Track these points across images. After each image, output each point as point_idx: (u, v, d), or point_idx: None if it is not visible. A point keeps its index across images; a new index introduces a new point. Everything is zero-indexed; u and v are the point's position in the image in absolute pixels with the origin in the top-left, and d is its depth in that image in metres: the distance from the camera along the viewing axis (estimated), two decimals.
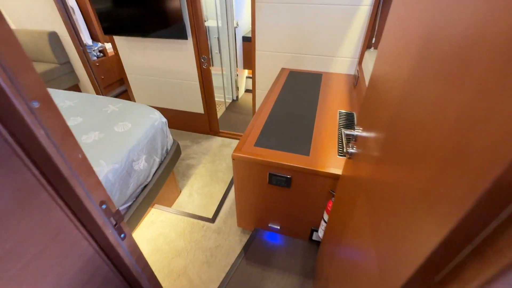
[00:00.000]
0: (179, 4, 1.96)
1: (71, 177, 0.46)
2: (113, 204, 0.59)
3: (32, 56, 2.73)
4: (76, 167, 0.47)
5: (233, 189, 2.00)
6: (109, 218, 0.56)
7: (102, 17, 2.16)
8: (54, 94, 1.82)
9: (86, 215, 0.52)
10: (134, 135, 1.40)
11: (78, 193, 0.48)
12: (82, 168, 0.49)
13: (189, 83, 2.45)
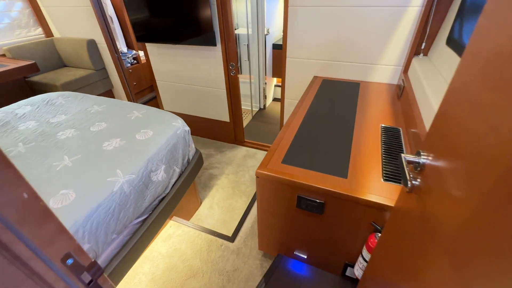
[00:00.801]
0: (210, 13, 1.91)
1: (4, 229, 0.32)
2: (86, 255, 0.44)
3: (72, 62, 2.88)
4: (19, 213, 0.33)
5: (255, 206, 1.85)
6: (79, 275, 0.42)
7: (137, 26, 2.19)
8: (85, 99, 1.85)
9: (37, 278, 0.36)
10: (154, 144, 1.32)
11: (18, 252, 0.33)
12: (30, 213, 0.35)
13: (216, 90, 2.39)
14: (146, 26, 2.18)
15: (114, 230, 1.07)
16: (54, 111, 1.69)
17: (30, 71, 2.39)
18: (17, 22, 2.69)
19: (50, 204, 0.97)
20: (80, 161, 1.20)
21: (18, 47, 2.59)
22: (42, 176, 1.11)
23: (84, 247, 0.95)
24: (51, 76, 2.66)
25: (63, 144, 1.33)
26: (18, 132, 1.46)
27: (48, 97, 1.86)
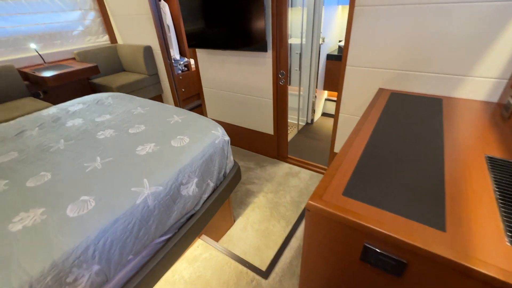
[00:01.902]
0: (264, 22, 1.78)
1: None
2: None
3: (129, 67, 3.04)
4: None
5: (297, 236, 1.57)
6: None
7: (190, 33, 2.18)
8: (131, 100, 1.83)
9: None
10: (189, 153, 1.17)
11: None
12: None
13: (262, 100, 2.22)
14: (198, 34, 2.15)
15: (131, 251, 0.91)
16: (101, 111, 1.69)
17: (92, 72, 2.55)
18: (88, 30, 2.95)
19: (67, 211, 0.86)
20: (110, 164, 1.10)
21: (86, 52, 2.81)
22: (70, 177, 1.03)
23: (93, 268, 0.80)
24: (110, 78, 2.82)
25: (99, 144, 1.26)
26: (64, 129, 1.47)
27: (99, 97, 1.89)
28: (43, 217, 0.84)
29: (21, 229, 0.80)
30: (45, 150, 1.25)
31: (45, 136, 1.39)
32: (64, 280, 0.74)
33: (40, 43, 2.61)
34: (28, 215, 0.85)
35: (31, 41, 2.54)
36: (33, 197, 0.94)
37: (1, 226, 0.81)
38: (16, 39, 2.46)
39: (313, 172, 2.27)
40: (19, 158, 1.20)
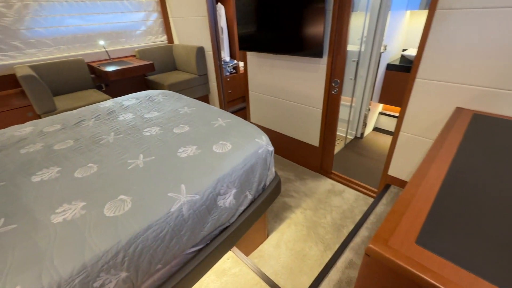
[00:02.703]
0: (323, 26, 1.65)
1: None
2: None
3: (182, 67, 3.15)
4: None
5: (338, 267, 1.39)
6: None
7: (243, 36, 2.14)
8: (179, 99, 1.85)
9: None
10: (230, 160, 1.09)
11: None
12: None
13: (311, 109, 2.07)
14: (251, 36, 2.10)
15: (161, 260, 0.86)
16: (150, 107, 1.73)
17: (148, 70, 2.69)
18: (150, 30, 3.14)
19: (104, 209, 0.84)
20: (151, 164, 1.08)
21: (145, 50, 2.99)
22: (113, 173, 1.03)
23: (120, 275, 0.76)
24: (163, 76, 2.96)
25: (144, 141, 1.27)
26: (116, 122, 1.52)
27: (151, 94, 1.96)
28: (82, 212, 0.83)
29: (61, 222, 0.80)
30: (96, 142, 1.29)
31: (98, 127, 1.46)
32: (91, 285, 0.70)
33: (108, 41, 2.85)
34: (69, 208, 0.85)
35: (100, 38, 2.78)
36: (78, 188, 0.95)
37: (45, 216, 0.82)
38: (89, 36, 2.72)
39: (359, 193, 2.03)
40: (73, 146, 1.26)
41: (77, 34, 2.64)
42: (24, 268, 0.66)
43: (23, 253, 0.70)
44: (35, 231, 0.77)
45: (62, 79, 2.48)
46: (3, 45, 2.29)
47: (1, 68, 2.30)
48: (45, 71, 2.37)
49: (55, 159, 1.16)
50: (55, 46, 2.55)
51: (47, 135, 1.40)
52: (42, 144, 1.29)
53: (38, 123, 1.56)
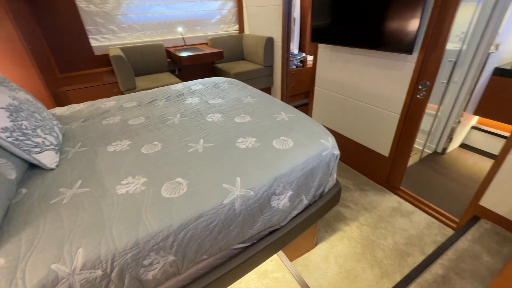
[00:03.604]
0: (419, 18, 1.37)
1: None
2: None
3: (249, 56, 3.15)
4: None
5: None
6: None
7: (317, 26, 1.98)
8: (244, 88, 1.83)
9: None
10: (290, 159, 1.00)
11: None
12: None
13: (386, 113, 1.80)
14: (326, 27, 1.92)
15: (207, 251, 0.83)
16: (215, 94, 1.75)
17: (218, 57, 2.77)
18: (223, 19, 3.22)
19: (162, 189, 0.84)
20: (210, 150, 1.06)
21: (216, 38, 3.08)
22: (174, 154, 1.05)
23: (168, 258, 0.75)
24: (230, 65, 3.01)
25: (205, 127, 1.27)
26: (183, 105, 1.58)
27: (217, 81, 1.99)
28: (143, 188, 0.86)
29: (124, 194, 0.83)
30: (163, 121, 1.36)
31: (167, 108, 1.53)
32: (141, 262, 0.71)
33: (185, 28, 3.03)
34: (133, 181, 0.89)
35: (179, 25, 2.98)
36: (142, 164, 0.99)
37: (112, 185, 0.88)
38: (170, 23, 2.93)
39: (433, 219, 1.71)
40: (144, 123, 1.35)
41: (161, 21, 2.87)
42: (88, 232, 0.70)
43: (89, 217, 0.75)
44: (102, 198, 0.82)
45: (144, 61, 2.74)
46: (103, 29, 2.63)
47: (99, 49, 2.66)
48: (131, 53, 2.65)
49: (128, 133, 1.25)
50: (142, 31, 2.83)
51: (125, 110, 1.54)
52: (120, 118, 1.42)
53: (120, 98, 1.73)
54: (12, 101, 1.02)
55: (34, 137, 1.00)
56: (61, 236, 0.69)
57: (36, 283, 0.60)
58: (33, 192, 0.87)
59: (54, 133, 1.12)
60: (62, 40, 2.46)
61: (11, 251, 0.65)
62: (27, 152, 0.95)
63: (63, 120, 1.43)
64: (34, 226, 0.73)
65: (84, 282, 0.65)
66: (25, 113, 1.04)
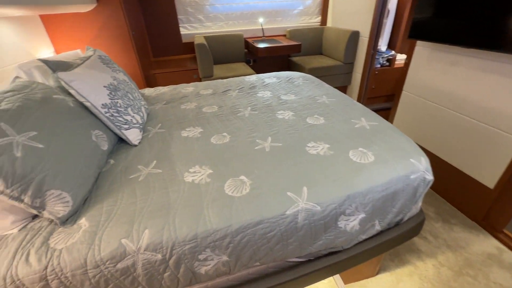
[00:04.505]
0: None
1: None
2: None
3: (327, 51, 2.94)
4: None
5: None
6: None
7: (419, 21, 1.66)
8: (319, 86, 1.69)
9: None
10: (368, 177, 0.85)
11: None
12: None
13: (500, 134, 1.41)
14: (431, 21, 1.59)
15: (261, 259, 0.78)
16: (288, 89, 1.67)
17: (294, 50, 2.66)
18: (306, 10, 3.06)
19: (225, 185, 0.82)
20: (277, 151, 1.00)
21: (296, 30, 2.96)
22: (240, 148, 1.02)
23: (222, 257, 0.73)
24: (306, 59, 2.86)
25: (275, 124, 1.21)
26: (255, 97, 1.55)
27: (292, 75, 1.90)
28: (208, 180, 0.85)
29: (190, 182, 0.85)
30: (234, 113, 1.35)
31: (239, 99, 1.53)
32: (197, 256, 0.71)
33: (266, 19, 3.00)
34: (199, 171, 0.90)
35: (261, 16, 2.96)
36: (209, 154, 1.00)
37: (181, 171, 0.90)
38: (252, 14, 2.95)
39: None
40: (216, 112, 1.37)
41: (244, 11, 2.91)
42: (155, 215, 0.73)
43: (158, 199, 0.78)
44: (171, 183, 0.85)
45: (223, 50, 2.84)
46: (192, 18, 2.83)
47: (186, 36, 2.88)
48: (213, 42, 2.77)
49: (201, 120, 1.29)
50: (225, 21, 2.93)
51: (201, 97, 1.61)
52: (196, 104, 1.49)
53: (198, 85, 1.83)
54: (112, 81, 1.16)
55: (125, 114, 1.11)
56: (132, 213, 0.74)
57: (108, 253, 0.65)
58: (118, 164, 0.97)
59: (140, 113, 1.23)
60: (158, 28, 2.75)
61: (94, 217, 0.73)
62: (118, 128, 1.07)
63: (150, 100, 1.58)
64: (114, 198, 0.80)
65: (146, 262, 0.68)
66: (121, 93, 1.16)
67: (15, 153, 0.68)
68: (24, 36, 1.57)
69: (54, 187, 0.71)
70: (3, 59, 1.35)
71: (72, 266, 0.64)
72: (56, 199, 0.71)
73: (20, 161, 0.68)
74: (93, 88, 1.04)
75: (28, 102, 0.82)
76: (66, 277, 0.64)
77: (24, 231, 0.71)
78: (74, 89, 0.99)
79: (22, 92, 0.86)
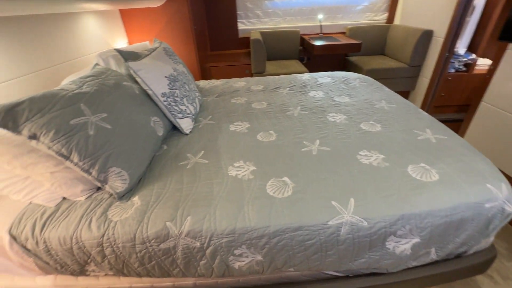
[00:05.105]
0: None
1: None
2: None
3: (391, 52, 2.68)
4: None
5: None
6: None
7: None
8: (378, 90, 1.55)
9: None
10: (429, 198, 0.74)
11: None
12: None
13: None
14: None
15: (295, 266, 0.75)
16: (343, 91, 1.57)
17: (353, 50, 2.49)
18: (371, 6, 2.83)
19: (267, 184, 0.81)
20: (325, 155, 0.94)
21: (357, 28, 2.77)
22: (286, 148, 1.00)
23: (256, 257, 0.73)
24: (365, 59, 2.66)
25: (325, 127, 1.15)
26: (306, 97, 1.50)
27: (348, 76, 1.78)
28: (251, 177, 0.85)
29: (233, 176, 0.86)
30: (283, 111, 1.33)
31: (289, 98, 1.50)
32: (232, 250, 0.71)
33: (326, 15, 2.87)
34: (243, 166, 0.90)
35: (320, 12, 2.84)
36: (254, 150, 0.99)
37: (225, 164, 0.92)
38: (311, 10, 2.85)
39: None
40: (265, 109, 1.37)
41: (303, 7, 2.83)
42: (198, 204, 0.76)
43: (202, 189, 0.81)
44: (215, 174, 0.87)
45: (277, 46, 2.81)
46: (250, 13, 2.86)
47: (243, 31, 2.93)
48: (268, 38, 2.77)
49: (250, 115, 1.30)
50: (283, 17, 2.89)
51: (252, 93, 1.62)
52: (246, 99, 1.50)
53: (249, 80, 1.85)
54: (173, 72, 1.24)
55: (180, 104, 1.18)
56: (178, 199, 0.78)
57: (153, 232, 0.70)
58: (170, 150, 1.04)
59: (194, 104, 1.30)
60: (218, 22, 2.86)
61: (145, 197, 0.79)
62: (173, 116, 1.14)
63: (203, 92, 1.66)
64: (163, 181, 0.86)
65: (185, 247, 0.71)
66: (179, 83, 1.24)
67: (89, 131, 0.77)
68: (105, 28, 1.79)
69: (116, 165, 0.79)
70: (88, 48, 1.56)
71: (123, 238, 0.71)
72: (117, 176, 0.79)
73: (92, 139, 0.77)
74: (156, 77, 1.13)
75: (103, 87, 0.93)
76: (118, 247, 0.71)
77: (89, 200, 0.81)
78: (140, 77, 1.08)
79: (99, 78, 0.97)
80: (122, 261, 0.74)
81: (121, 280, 0.83)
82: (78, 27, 1.49)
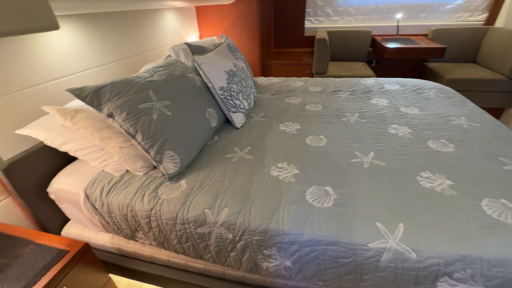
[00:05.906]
0: None
1: None
2: None
3: (485, 59, 2.25)
4: None
5: None
6: None
7: None
8: (461, 104, 1.33)
9: None
10: (504, 243, 0.61)
11: None
12: None
13: None
14: None
15: (324, 280, 0.71)
16: (413, 100, 1.39)
17: (435, 55, 2.18)
18: (466, 5, 2.41)
19: (308, 191, 0.78)
20: (378, 171, 0.86)
21: (443, 30, 2.40)
22: (334, 155, 0.94)
23: (285, 262, 0.71)
24: (448, 67, 2.30)
25: (383, 139, 1.04)
26: (366, 104, 1.38)
27: (421, 85, 1.57)
28: (292, 180, 0.84)
29: (274, 177, 0.85)
30: (338, 116, 1.26)
31: (348, 103, 1.41)
32: (262, 250, 0.71)
33: (406, 14, 2.57)
34: (286, 168, 0.89)
35: (400, 11, 2.56)
36: (300, 154, 0.97)
37: (269, 163, 0.92)
38: (389, 8, 2.59)
39: None
40: (319, 112, 1.31)
41: (379, 5, 2.59)
42: (236, 198, 0.78)
43: (242, 184, 0.83)
44: (257, 172, 0.88)
45: (344, 47, 2.66)
46: (319, 11, 2.76)
47: (309, 30, 2.85)
48: (336, 37, 2.63)
49: (302, 117, 1.27)
50: (355, 15, 2.70)
51: (308, 93, 1.57)
52: (301, 100, 1.47)
53: (307, 80, 1.80)
54: (232, 67, 1.29)
55: (235, 99, 1.23)
56: (219, 189, 0.81)
57: (192, 216, 0.75)
58: (220, 141, 1.09)
59: (249, 100, 1.33)
60: (285, 20, 2.85)
61: (191, 182, 0.86)
62: (227, 110, 1.19)
63: (260, 89, 1.68)
64: (209, 170, 0.91)
65: (219, 236, 0.74)
66: (236, 79, 1.28)
67: (153, 115, 0.87)
68: (181, 23, 1.97)
69: (170, 149, 0.87)
70: (164, 40, 1.75)
71: (167, 216, 0.78)
72: (170, 159, 0.87)
73: (154, 122, 0.86)
74: (216, 72, 1.19)
75: (170, 77, 1.03)
76: (162, 222, 0.79)
77: (145, 176, 0.91)
78: (203, 70, 1.16)
79: (168, 68, 1.08)
80: (164, 236, 0.81)
81: (162, 252, 0.92)
82: (159, 22, 1.67)
